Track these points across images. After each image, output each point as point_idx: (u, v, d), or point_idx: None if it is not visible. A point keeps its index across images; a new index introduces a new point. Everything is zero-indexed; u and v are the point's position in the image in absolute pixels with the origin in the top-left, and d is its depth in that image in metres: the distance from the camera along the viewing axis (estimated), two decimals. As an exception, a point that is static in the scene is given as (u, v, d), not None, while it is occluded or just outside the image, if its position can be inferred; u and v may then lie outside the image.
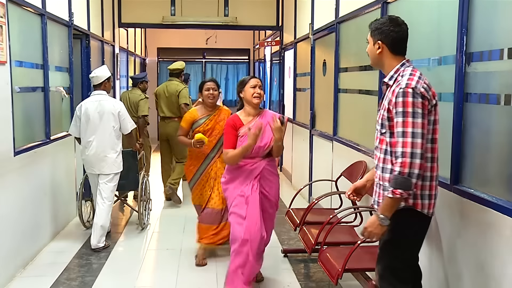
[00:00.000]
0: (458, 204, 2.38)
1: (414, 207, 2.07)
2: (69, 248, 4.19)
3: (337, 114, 4.69)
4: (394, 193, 1.95)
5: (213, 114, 3.84)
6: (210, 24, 7.67)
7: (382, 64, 2.16)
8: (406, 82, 1.99)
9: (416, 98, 1.95)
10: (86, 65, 5.77)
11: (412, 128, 1.94)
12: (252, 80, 3.10)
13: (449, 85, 2.51)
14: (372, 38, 2.16)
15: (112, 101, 4.15)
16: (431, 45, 2.80)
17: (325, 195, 3.77)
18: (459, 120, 2.42)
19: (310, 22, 5.65)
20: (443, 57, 2.67)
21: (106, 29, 6.71)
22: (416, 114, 1.95)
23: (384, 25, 2.12)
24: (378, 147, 2.15)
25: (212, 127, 3.80)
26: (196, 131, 3.79)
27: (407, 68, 2.10)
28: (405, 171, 1.93)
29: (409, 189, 1.94)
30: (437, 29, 2.76)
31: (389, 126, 2.05)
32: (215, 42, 11.88)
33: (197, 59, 12.42)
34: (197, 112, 3.86)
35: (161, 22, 7.43)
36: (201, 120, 3.82)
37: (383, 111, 2.08)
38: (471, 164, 2.38)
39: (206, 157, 3.83)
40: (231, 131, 3.06)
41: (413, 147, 1.93)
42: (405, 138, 1.95)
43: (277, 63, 8.41)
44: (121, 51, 8.06)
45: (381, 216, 2.01)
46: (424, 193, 2.07)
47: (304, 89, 6.23)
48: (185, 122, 3.86)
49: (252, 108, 3.12)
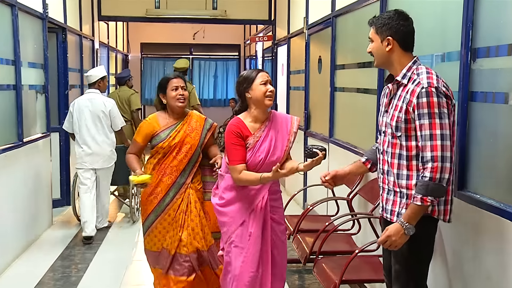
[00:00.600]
0: (463, 210, 2.37)
1: (431, 214, 2.07)
2: (42, 260, 4.13)
3: (333, 115, 4.68)
4: (425, 200, 1.95)
5: (180, 123, 3.02)
6: (198, 17, 7.65)
7: (390, 62, 2.13)
8: (427, 81, 1.99)
9: (441, 97, 1.96)
10: (63, 62, 5.72)
11: (441, 130, 1.95)
12: (261, 75, 2.56)
13: (453, 83, 2.51)
14: (378, 35, 2.12)
15: (103, 99, 4.70)
16: (433, 40, 2.80)
17: (320, 201, 3.76)
18: (463, 120, 2.41)
19: (304, 16, 5.66)
20: (446, 53, 2.68)
21: (84, 23, 6.65)
22: (443, 114, 1.96)
23: (392, 20, 2.09)
24: (388, 151, 2.13)
25: (180, 141, 2.98)
26: (157, 148, 2.99)
27: (420, 66, 2.10)
28: (437, 176, 1.93)
29: (442, 196, 1.96)
30: (440, 23, 2.76)
31: (405, 129, 2.04)
32: (203, 37, 11.87)
33: (184, 56, 12.39)
34: (157, 122, 3.02)
35: (145, 15, 7.40)
36: (164, 132, 2.99)
37: (398, 113, 2.06)
38: (477, 167, 2.38)
39: (174, 183, 2.98)
40: (238, 141, 2.52)
41: (443, 150, 1.94)
42: (434, 141, 1.95)
43: (270, 59, 8.41)
44: (101, 46, 8.01)
45: (406, 225, 2.00)
46: (441, 199, 2.06)
47: (298, 87, 6.23)
48: (140, 135, 3.02)
49: (262, 112, 2.59)
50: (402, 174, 2.08)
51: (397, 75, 2.11)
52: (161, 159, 3.00)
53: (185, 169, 3.01)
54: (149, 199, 3.02)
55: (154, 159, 3.03)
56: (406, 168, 2.07)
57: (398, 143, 2.08)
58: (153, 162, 3.02)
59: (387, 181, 2.17)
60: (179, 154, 2.99)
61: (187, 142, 3.00)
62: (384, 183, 2.19)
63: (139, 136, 3.04)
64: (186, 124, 3.04)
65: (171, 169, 2.99)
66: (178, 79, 3.02)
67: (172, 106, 3.01)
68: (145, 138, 3.03)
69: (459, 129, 2.43)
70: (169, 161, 2.99)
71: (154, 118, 3.05)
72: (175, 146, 2.98)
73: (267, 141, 2.57)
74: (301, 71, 6.01)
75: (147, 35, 11.72)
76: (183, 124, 3.04)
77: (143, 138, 3.03)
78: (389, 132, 2.12)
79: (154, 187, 2.99)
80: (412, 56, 2.13)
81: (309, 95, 5.70)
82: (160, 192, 3.00)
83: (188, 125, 3.05)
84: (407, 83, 2.06)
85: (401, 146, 2.07)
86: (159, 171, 3.00)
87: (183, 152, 2.99)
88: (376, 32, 2.13)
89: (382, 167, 2.19)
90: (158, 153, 3.01)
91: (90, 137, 4.59)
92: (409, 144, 2.05)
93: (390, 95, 2.16)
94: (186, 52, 12.30)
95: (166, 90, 3.00)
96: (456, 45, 2.50)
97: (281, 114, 2.71)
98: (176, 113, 3.05)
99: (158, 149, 3.00)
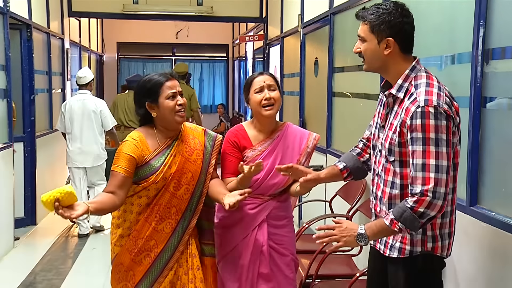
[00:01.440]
0: (477, 229, 2.35)
1: (433, 252, 1.95)
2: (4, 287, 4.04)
3: (331, 122, 4.67)
4: (394, 224, 1.85)
5: (175, 144, 2.39)
6: (181, 14, 7.65)
7: (386, 68, 1.96)
8: (425, 97, 1.83)
9: (440, 120, 1.80)
10: (28, 63, 5.65)
11: (436, 160, 1.79)
12: (257, 80, 2.43)
13: (464, 88, 2.51)
14: (375, 34, 1.91)
15: (94, 100, 5.33)
16: (442, 40, 2.80)
17: (317, 218, 3.73)
18: (476, 129, 2.41)
19: (299, 13, 5.67)
20: (456, 54, 2.68)
21: (52, 19, 6.60)
22: (440, 141, 1.80)
23: (393, 16, 1.89)
24: (382, 176, 2.00)
25: (179, 170, 2.36)
26: (146, 183, 2.32)
27: (420, 73, 1.94)
28: (419, 209, 1.80)
29: (413, 230, 1.85)
30: (449, 21, 2.76)
31: (399, 153, 1.90)
32: (187, 36, 11.88)
33: (165, 57, 12.39)
34: (146, 144, 2.35)
35: (121, 11, 7.38)
36: (157, 160, 2.34)
37: (392, 134, 1.92)
38: (492, 181, 2.36)
39: (175, 231, 2.38)
40: (232, 151, 2.45)
41: (437, 184, 1.78)
42: (427, 172, 1.79)
43: (261, 61, 8.43)
44: (72, 45, 7.96)
45: (362, 231, 1.89)
46: (444, 232, 1.96)
47: (293, 92, 6.22)
48: (122, 163, 2.28)
49: (265, 123, 2.46)
50: (395, 204, 1.94)
51: (394, 83, 1.95)
52: (153, 198, 2.34)
53: (187, 208, 2.39)
54: (138, 259, 2.34)
55: (139, 198, 2.35)
56: (399, 198, 1.94)
57: (391, 169, 1.95)
58: (141, 204, 2.35)
59: (378, 208, 2.04)
60: (179, 189, 2.36)
61: (187, 169, 2.37)
62: (376, 210, 2.07)
63: (121, 163, 2.27)
64: (182, 144, 2.40)
65: (168, 211, 2.35)
66: (173, 81, 2.36)
67: (169, 120, 2.35)
68: (130, 167, 2.28)
69: (471, 139, 2.42)
70: (165, 201, 2.34)
71: (142, 139, 2.34)
72: (172, 177, 2.34)
73: (270, 158, 2.44)
74: (296, 74, 6.01)
75: (124, 34, 11.70)
76: (178, 144, 2.39)
77: (127, 166, 2.27)
78: (383, 154, 1.98)
79: (144, 240, 2.34)
80: (412, 59, 1.98)
81: (304, 100, 5.69)
82: (154, 246, 2.34)
83: (185, 145, 2.40)
84: (404, 98, 1.91)
85: (395, 173, 1.94)
86: (150, 216, 2.34)
87: (183, 185, 2.37)
88: (370, 31, 1.92)
89: (375, 191, 2.06)
90: (148, 190, 2.33)
91: (81, 137, 5.22)
92: (404, 171, 1.91)
93: (386, 109, 2.02)
94: (168, 52, 12.30)
95: (159, 98, 2.32)
96: (467, 46, 2.49)
97: (297, 129, 2.56)
98: (171, 130, 2.40)
99: (148, 185, 2.32)
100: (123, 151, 2.30)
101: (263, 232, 2.48)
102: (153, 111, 2.35)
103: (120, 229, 2.38)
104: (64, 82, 7.23)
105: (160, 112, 2.34)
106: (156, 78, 2.36)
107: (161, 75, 2.37)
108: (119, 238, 2.38)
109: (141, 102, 2.37)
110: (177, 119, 2.35)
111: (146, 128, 2.40)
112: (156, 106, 2.34)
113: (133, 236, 2.35)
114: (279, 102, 2.44)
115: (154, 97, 2.33)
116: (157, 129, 2.39)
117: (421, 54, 2.36)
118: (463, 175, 2.49)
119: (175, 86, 2.35)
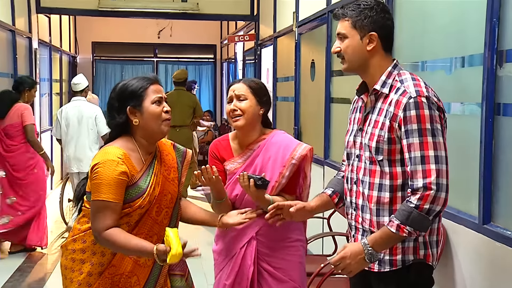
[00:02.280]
0: (490, 249, 2.35)
1: (425, 259, 2.01)
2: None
3: (329, 131, 4.67)
4: (401, 229, 1.89)
5: (156, 163, 2.28)
6: (164, 12, 7.66)
7: (367, 66, 2.05)
8: (415, 88, 1.94)
9: (433, 109, 1.91)
10: (-11, 64, 5.61)
11: (435, 151, 1.89)
12: (230, 89, 2.52)
13: (475, 94, 2.52)
14: (357, 29, 2.02)
15: (89, 106, 5.79)
16: (451, 41, 2.81)
17: (315, 237, 3.72)
18: (489, 139, 2.41)
19: (294, 11, 5.70)
20: (467, 56, 2.69)
21: (18, 15, 6.56)
22: (436, 131, 1.90)
23: (375, 10, 2.01)
24: (365, 181, 2.04)
25: (161, 192, 2.25)
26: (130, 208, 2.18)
27: (403, 71, 2.04)
28: (425, 206, 1.87)
29: (423, 230, 1.91)
30: (459, 20, 2.78)
31: (388, 151, 1.97)
32: (170, 36, 11.88)
33: (146, 58, 12.36)
34: (131, 162, 2.19)
35: (97, 7, 7.38)
36: (145, 180, 2.21)
37: (379, 131, 1.98)
38: (507, 196, 2.36)
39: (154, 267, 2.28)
40: (213, 163, 2.49)
41: (439, 175, 1.87)
42: (427, 164, 1.88)
43: (252, 63, 8.44)
44: (42, 45, 7.92)
45: (369, 249, 1.93)
46: (433, 239, 2.02)
47: (287, 98, 6.22)
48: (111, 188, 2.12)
49: (240, 135, 2.51)
50: (383, 210, 1.99)
51: (374, 83, 2.04)
52: (135, 226, 2.20)
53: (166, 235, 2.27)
54: None
55: (118, 225, 2.17)
56: (389, 203, 1.98)
57: (378, 170, 1.99)
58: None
59: (361, 219, 2.07)
60: (160, 213, 2.24)
61: (167, 190, 2.27)
62: (358, 221, 2.09)
63: (111, 190, 2.10)
64: (161, 162, 2.30)
65: (150, 240, 2.19)
66: (159, 86, 2.27)
67: (153, 130, 2.22)
68: (121, 191, 2.13)
69: (484, 150, 2.42)
70: (146, 228, 2.22)
71: (126, 156, 2.16)
72: (155, 201, 2.22)
73: (249, 171, 2.42)
74: (290, 78, 6.02)
75: (101, 33, 11.68)
76: (158, 162, 2.29)
77: (118, 191, 2.12)
78: (367, 156, 2.03)
79: (125, 276, 2.21)
80: (392, 58, 2.07)
81: (299, 107, 5.70)
82: (136, 284, 2.23)
83: (163, 162, 2.31)
84: (389, 93, 2.00)
85: (383, 174, 1.98)
86: None
87: (163, 209, 2.26)
88: (353, 26, 2.02)
89: (355, 201, 2.10)
90: (130, 217, 2.18)
91: (76, 142, 5.65)
92: (394, 170, 1.97)
93: (365, 109, 2.09)
94: (149, 54, 12.28)
95: (143, 103, 2.20)
96: (478, 47, 2.50)
97: (284, 138, 2.52)
98: (152, 144, 2.28)
99: (132, 211, 2.17)
100: (110, 175, 2.10)
101: (251, 251, 2.45)
102: (135, 118, 2.20)
103: (87, 264, 2.20)
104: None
105: (143, 119, 2.20)
106: (139, 80, 2.24)
107: (145, 78, 2.26)
108: (87, 276, 2.19)
109: (121, 107, 2.20)
110: (163, 129, 2.23)
111: (123, 142, 2.22)
112: (139, 111, 2.19)
113: (110, 273, 2.19)
114: (248, 112, 2.42)
115: (138, 101, 2.19)
116: (137, 142, 2.23)
117: (427, 57, 2.39)
118: (474, 189, 2.49)
119: (160, 91, 2.25)
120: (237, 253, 2.48)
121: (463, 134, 2.68)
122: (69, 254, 2.23)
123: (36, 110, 7.26)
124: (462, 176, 2.61)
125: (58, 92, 9.33)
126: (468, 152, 2.61)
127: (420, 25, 3.16)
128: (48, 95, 8.46)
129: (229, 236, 2.51)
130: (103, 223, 2.10)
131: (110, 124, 2.27)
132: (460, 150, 2.69)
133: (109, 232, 2.10)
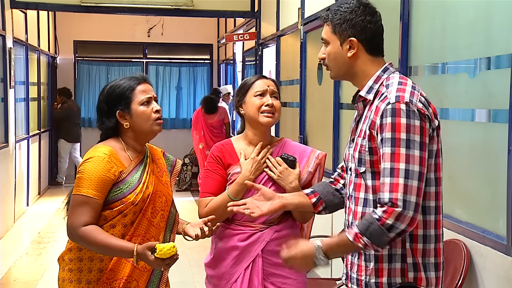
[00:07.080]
0: (520, 275, 2.34)
1: (415, 283, 1.99)
2: None
3: (338, 140, 4.67)
4: (357, 238, 1.91)
5: (147, 160, 2.47)
6: (154, 7, 7.68)
7: (353, 72, 2.10)
8: (396, 94, 1.95)
9: (412, 118, 1.91)
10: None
11: (406, 164, 1.88)
12: (258, 83, 2.55)
13: (503, 99, 2.52)
14: (337, 35, 2.08)
15: None
16: (475, 40, 2.81)
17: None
18: (518, 149, 2.41)
19: (299, 7, 5.72)
20: (493, 57, 2.69)
21: (-8, 11, 6.60)
22: (412, 143, 1.89)
23: (354, 14, 2.06)
24: (353, 196, 2.08)
25: (154, 192, 2.41)
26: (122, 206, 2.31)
27: (393, 74, 2.07)
28: (387, 221, 1.87)
29: (380, 245, 1.91)
30: (484, 18, 2.78)
31: (370, 162, 1.99)
32: (162, 35, 11.92)
33: (135, 59, 12.39)
34: (119, 159, 2.36)
35: (80, 2, 7.40)
36: (133, 176, 2.37)
37: (362, 140, 2.02)
38: (538, 215, 2.35)
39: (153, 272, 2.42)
40: (215, 168, 2.55)
41: (406, 192, 1.87)
42: (395, 178, 1.88)
43: (252, 65, 8.46)
44: (17, 44, 7.94)
45: (321, 254, 1.99)
46: (428, 262, 2.01)
47: (291, 103, 6.22)
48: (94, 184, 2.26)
49: (260, 134, 2.57)
50: None
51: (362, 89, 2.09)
52: (130, 227, 2.33)
53: (164, 240, 2.45)
54: None
55: (112, 227, 2.30)
56: None
57: (362, 184, 2.03)
58: (116, 235, 2.30)
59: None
60: (155, 216, 2.38)
61: (161, 192, 2.43)
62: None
63: (92, 185, 2.25)
64: (153, 163, 2.48)
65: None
66: (146, 85, 2.43)
67: (144, 131, 2.39)
68: (104, 189, 2.27)
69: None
70: (143, 230, 2.35)
71: (113, 153, 2.33)
72: (149, 200, 2.36)
73: (261, 179, 2.51)
74: (295, 82, 6.03)
75: (84, 31, 11.71)
76: (150, 162, 2.46)
77: (100, 188, 2.26)
78: (353, 168, 2.07)
79: (124, 282, 2.31)
80: (383, 61, 2.11)
81: (305, 113, 5.71)
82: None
83: (155, 163, 2.49)
84: (374, 99, 2.03)
85: (366, 188, 2.01)
86: None
87: (159, 211, 2.40)
88: (333, 31, 2.09)
89: (347, 217, 2.13)
90: (124, 216, 2.31)
91: None
92: (376, 184, 1.98)
93: (358, 118, 2.13)
94: (138, 54, 12.31)
95: (131, 104, 2.37)
96: (506, 47, 2.51)
97: (297, 145, 2.66)
98: (142, 145, 2.45)
99: (125, 208, 2.30)
100: (94, 171, 2.27)
101: (257, 271, 2.47)
102: (125, 121, 2.37)
103: (85, 272, 2.32)
104: (7, 89, 7.17)
105: (133, 121, 2.37)
106: (126, 81, 2.40)
107: (132, 78, 2.43)
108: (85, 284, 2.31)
109: (110, 111, 2.38)
110: (154, 129, 2.40)
111: (112, 141, 2.40)
112: (128, 114, 2.37)
113: (108, 278, 2.30)
114: (279, 113, 2.56)
115: (126, 104, 2.36)
116: (125, 142, 2.41)
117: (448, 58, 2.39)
118: (502, 206, 2.48)
119: (149, 91, 2.41)
120: (241, 276, 2.49)
121: (488, 144, 2.68)
122: (66, 265, 2.35)
123: (11, 117, 7.27)
124: (487, 191, 2.60)
125: (36, 97, 9.32)
126: (494, 164, 2.60)
127: (440, 22, 3.16)
128: (25, 101, 8.45)
129: (231, 256, 2.52)
130: (81, 219, 2.23)
131: (101, 128, 2.44)
132: (485, 162, 2.68)
133: (87, 229, 2.23)
